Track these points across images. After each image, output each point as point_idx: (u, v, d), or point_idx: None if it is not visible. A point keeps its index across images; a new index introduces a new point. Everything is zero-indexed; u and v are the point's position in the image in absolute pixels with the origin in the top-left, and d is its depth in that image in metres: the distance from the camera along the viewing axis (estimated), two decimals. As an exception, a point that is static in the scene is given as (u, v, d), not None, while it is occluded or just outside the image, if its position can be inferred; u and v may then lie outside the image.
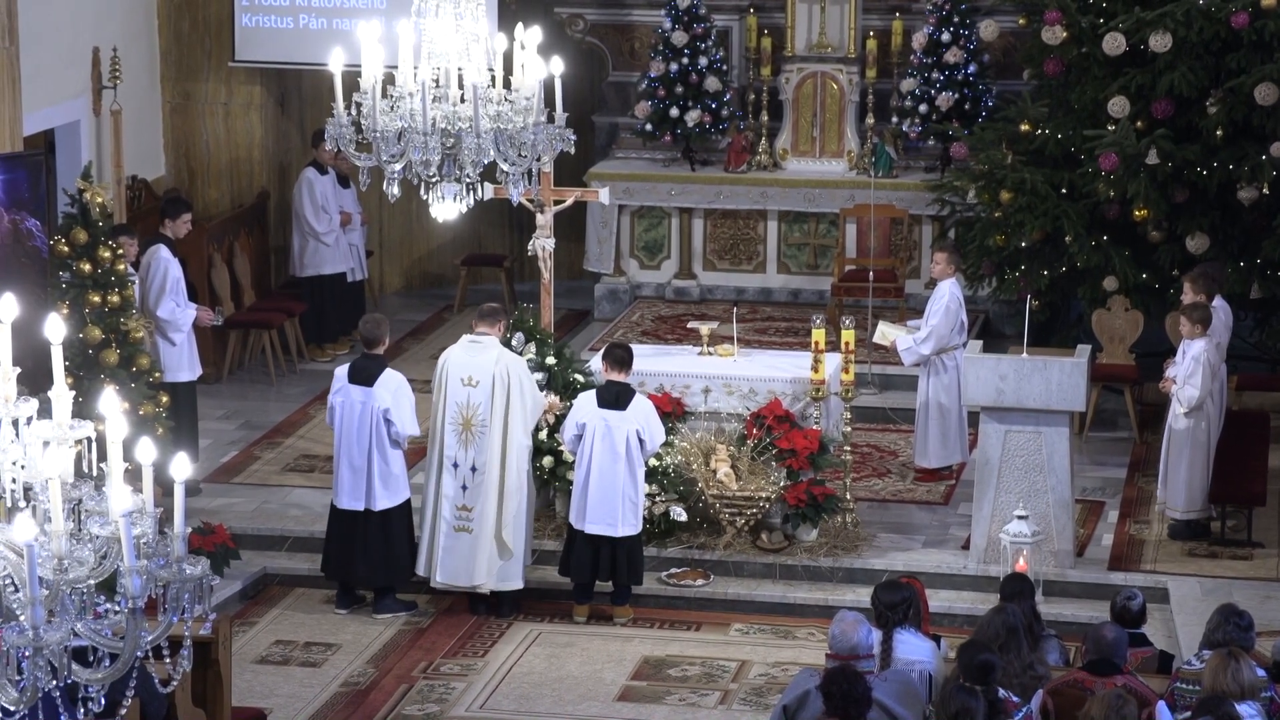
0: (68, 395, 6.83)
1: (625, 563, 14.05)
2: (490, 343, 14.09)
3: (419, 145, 11.39)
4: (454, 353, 14.17)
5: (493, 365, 13.93)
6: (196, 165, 19.84)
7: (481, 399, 13.93)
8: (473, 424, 13.94)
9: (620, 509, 13.94)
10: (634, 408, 14.01)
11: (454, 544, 14.05)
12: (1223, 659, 9.76)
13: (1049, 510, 14.26)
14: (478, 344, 14.09)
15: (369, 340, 14.31)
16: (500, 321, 14.30)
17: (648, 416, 14.06)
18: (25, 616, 6.36)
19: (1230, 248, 17.34)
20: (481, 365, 13.96)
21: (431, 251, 22.00)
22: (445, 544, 14.07)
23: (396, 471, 14.17)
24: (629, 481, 13.96)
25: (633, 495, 13.99)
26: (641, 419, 14.00)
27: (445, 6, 11.62)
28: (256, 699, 12.94)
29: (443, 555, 14.09)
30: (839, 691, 9.32)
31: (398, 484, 14.20)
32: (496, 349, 14.05)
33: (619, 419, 13.96)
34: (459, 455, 14.01)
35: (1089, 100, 17.51)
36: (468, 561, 14.03)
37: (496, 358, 13.97)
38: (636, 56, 20.77)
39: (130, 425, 6.88)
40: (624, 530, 13.98)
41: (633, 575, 14.13)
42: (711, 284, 20.28)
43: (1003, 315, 19.23)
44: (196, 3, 19.58)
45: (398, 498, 14.21)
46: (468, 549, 14.01)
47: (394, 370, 14.29)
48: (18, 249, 14.07)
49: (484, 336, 14.12)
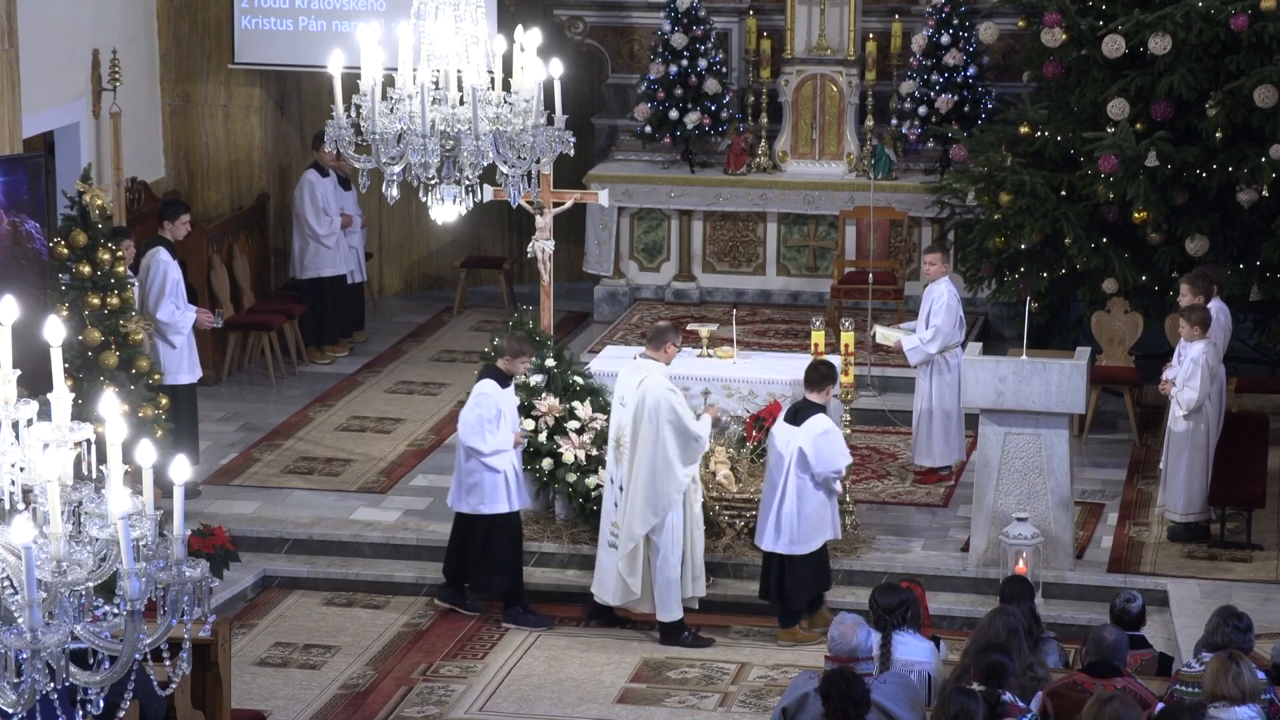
0: (67, 397, 6.83)
1: (791, 580, 13.76)
2: (646, 366, 13.81)
3: (418, 147, 11.38)
4: (623, 371, 14.08)
5: (636, 389, 13.74)
6: (196, 167, 19.85)
7: (627, 420, 13.78)
8: (622, 443, 13.83)
9: (784, 525, 13.72)
10: (808, 425, 13.67)
11: (604, 558, 14.01)
12: (1222, 662, 9.75)
13: (1048, 512, 14.26)
14: (638, 366, 13.89)
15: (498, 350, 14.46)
16: (667, 343, 13.86)
17: (819, 436, 13.64)
18: (23, 619, 6.36)
19: (1230, 250, 17.34)
20: (631, 387, 13.80)
21: (431, 253, 22.00)
22: (600, 557, 14.06)
23: (474, 480, 14.05)
24: (800, 500, 13.68)
25: (794, 513, 13.66)
26: (808, 437, 13.63)
27: (445, 9, 11.61)
28: (256, 701, 12.94)
29: (598, 568, 14.08)
30: (838, 693, 9.32)
31: (477, 493, 14.07)
32: (645, 372, 13.77)
33: (790, 433, 13.73)
34: (615, 473, 13.91)
35: (1088, 102, 17.51)
36: (609, 578, 13.96)
37: (640, 382, 13.74)
38: (636, 59, 20.77)
39: (130, 427, 6.87)
40: (781, 548, 13.71)
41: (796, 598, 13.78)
42: (711, 286, 20.28)
43: (1002, 317, 19.23)
44: (196, 5, 19.58)
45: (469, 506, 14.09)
46: (612, 565, 13.94)
47: (487, 379, 14.18)
48: (17, 251, 14.06)
49: (646, 359, 13.88)
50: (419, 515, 15.61)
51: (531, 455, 14.89)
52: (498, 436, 14.04)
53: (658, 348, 13.88)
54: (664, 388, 13.72)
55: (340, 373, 19.24)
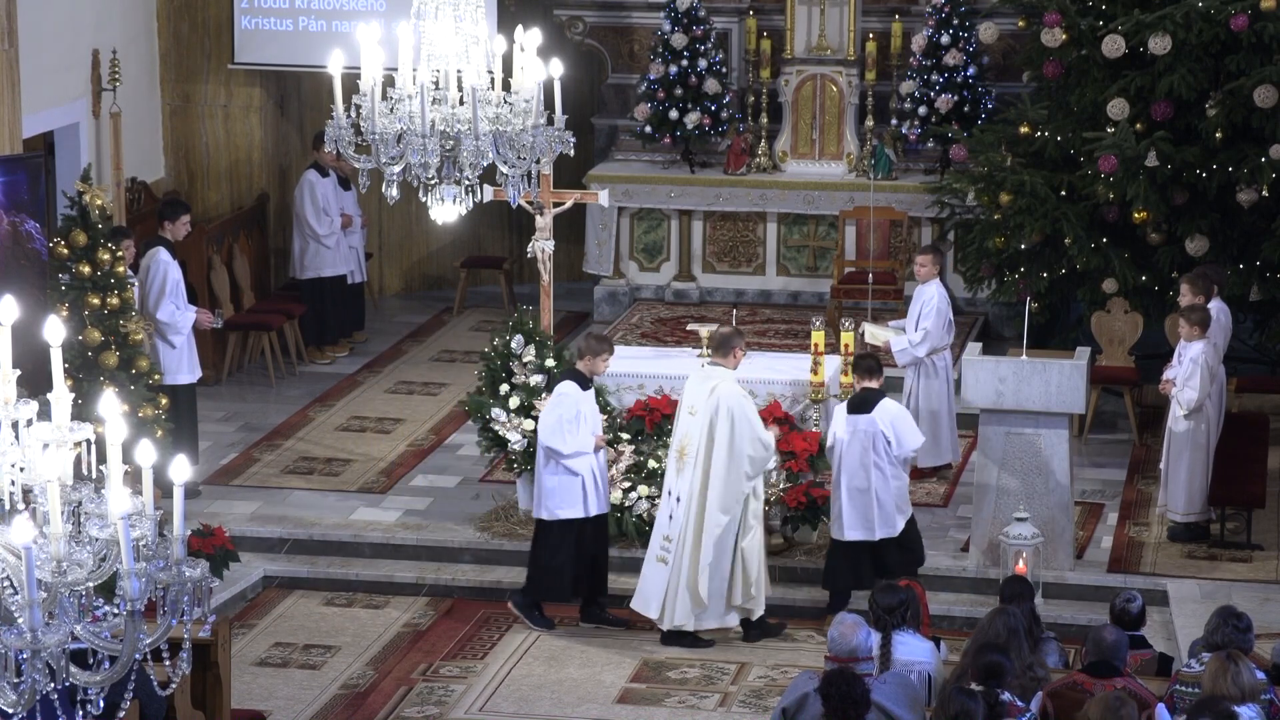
0: (67, 397, 6.83)
1: (895, 557, 13.92)
2: (715, 373, 13.67)
3: (418, 147, 11.38)
4: (690, 379, 13.90)
5: (708, 396, 13.58)
6: (196, 167, 19.85)
7: (695, 430, 13.58)
8: (685, 454, 13.66)
9: (876, 512, 13.88)
10: (880, 410, 13.90)
11: (651, 572, 13.81)
12: (1222, 662, 9.75)
13: (1048, 512, 14.25)
14: (706, 374, 13.75)
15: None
16: (735, 349, 13.77)
17: (895, 418, 13.92)
18: (24, 619, 6.36)
19: (1230, 250, 17.34)
20: (701, 395, 13.62)
21: (431, 254, 22.00)
22: (645, 570, 13.86)
23: (548, 486, 13.91)
24: (881, 484, 13.87)
25: (885, 497, 13.88)
26: (887, 420, 13.87)
27: (444, 9, 11.61)
28: (256, 701, 12.94)
29: (640, 581, 13.89)
30: (838, 694, 9.32)
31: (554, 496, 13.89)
32: (717, 379, 13.63)
33: (866, 422, 13.87)
34: (674, 484, 13.72)
35: (1088, 102, 17.51)
36: (656, 592, 13.78)
37: (713, 389, 13.58)
38: (636, 59, 20.77)
39: (130, 427, 6.87)
40: (880, 533, 13.91)
41: (909, 566, 13.98)
42: (711, 286, 20.28)
43: (1002, 317, 19.23)
44: (196, 5, 19.59)
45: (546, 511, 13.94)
46: (660, 580, 13.75)
47: (567, 380, 14.01)
48: (17, 251, 14.06)
49: (715, 366, 13.75)
50: (419, 515, 15.62)
51: (531, 455, 14.88)
52: (578, 438, 13.83)
53: (725, 354, 13.75)
54: (739, 394, 13.66)
55: (340, 373, 19.24)
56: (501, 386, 15.00)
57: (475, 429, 15.46)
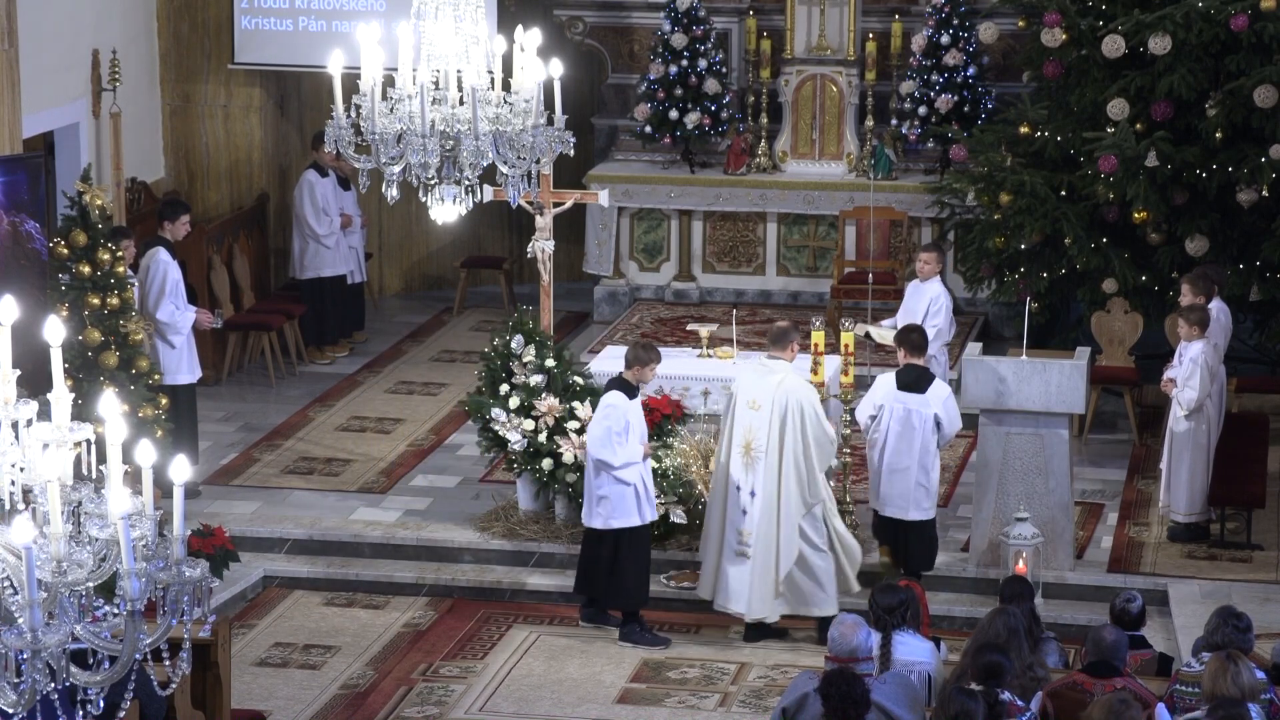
0: (67, 397, 6.83)
1: (917, 545, 14.06)
2: (778, 367, 13.69)
3: (418, 147, 11.38)
4: (745, 374, 13.88)
5: (774, 390, 13.59)
6: (196, 167, 19.85)
7: (761, 424, 13.58)
8: (752, 448, 13.65)
9: (913, 493, 14.02)
10: (933, 391, 14.04)
11: (731, 569, 13.81)
12: (1222, 662, 9.75)
13: (1048, 512, 14.25)
14: (765, 367, 13.75)
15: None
16: (792, 343, 13.81)
17: (946, 400, 14.08)
18: (24, 619, 6.36)
19: (1230, 250, 17.35)
20: (765, 389, 13.61)
21: (431, 254, 22.00)
22: (725, 568, 13.85)
23: (603, 494, 13.79)
24: (921, 466, 14.01)
25: (924, 480, 14.02)
26: (939, 403, 14.02)
27: (444, 9, 11.61)
28: (256, 701, 12.94)
29: (723, 578, 13.86)
30: (838, 694, 9.32)
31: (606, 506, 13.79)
32: (783, 373, 13.66)
33: (919, 402, 13.98)
34: (741, 479, 13.73)
35: (1088, 102, 17.51)
36: (742, 588, 13.79)
37: (779, 383, 13.60)
38: (636, 59, 20.77)
39: (130, 427, 6.87)
40: (914, 515, 14.07)
41: (923, 560, 14.14)
42: (711, 286, 20.28)
43: (1002, 317, 19.24)
44: (196, 5, 19.59)
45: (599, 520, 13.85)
46: (744, 575, 13.76)
47: (614, 390, 13.86)
48: (17, 251, 14.06)
49: (774, 360, 13.75)
50: (419, 515, 15.62)
51: (531, 455, 14.90)
52: (627, 449, 13.74)
53: (783, 347, 13.78)
54: (807, 387, 13.77)
55: (340, 373, 19.24)
56: (501, 386, 15.00)
57: (475, 429, 15.46)
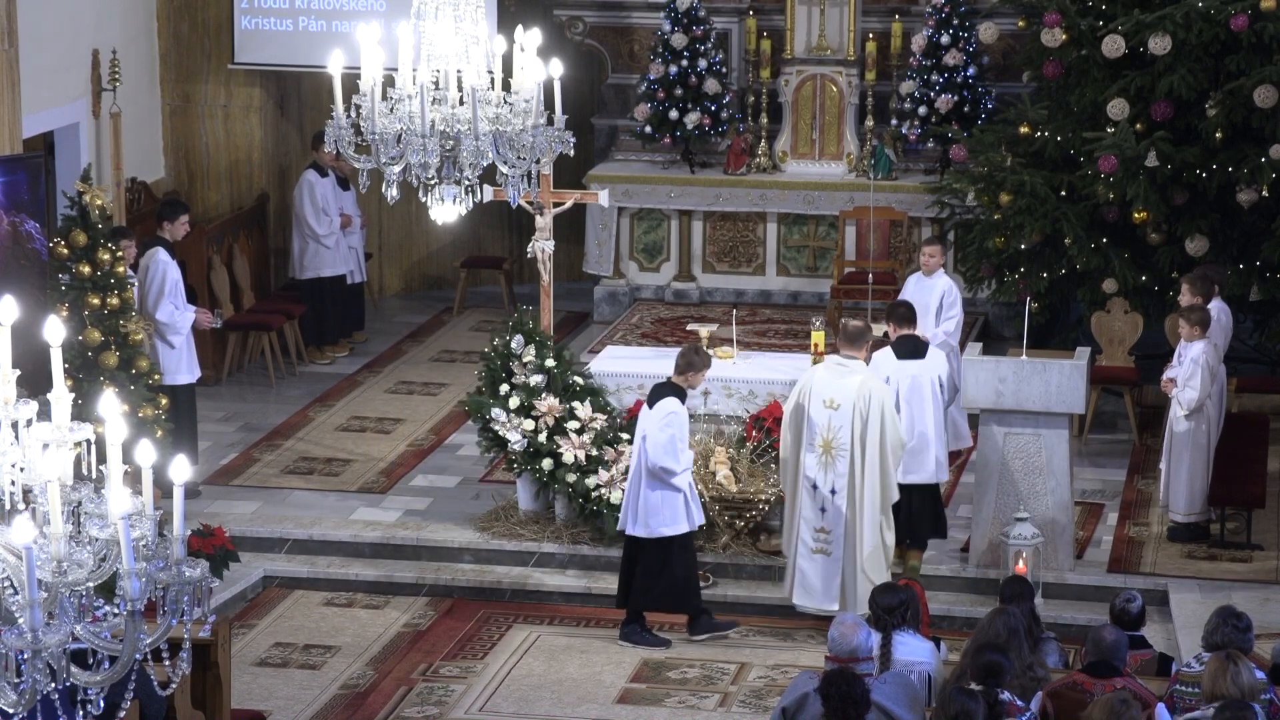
0: (67, 397, 6.83)
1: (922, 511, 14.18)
2: (856, 366, 13.74)
3: (418, 147, 11.38)
4: (819, 373, 13.89)
5: (855, 391, 13.61)
6: (196, 167, 19.85)
7: (842, 422, 13.62)
8: (833, 447, 13.67)
9: (926, 458, 14.20)
10: (933, 355, 14.43)
11: (808, 566, 13.83)
12: (1221, 662, 9.75)
13: (1048, 512, 14.26)
14: (843, 367, 13.75)
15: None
16: (866, 343, 13.87)
17: (946, 362, 14.51)
18: (24, 619, 6.36)
19: (1230, 250, 17.35)
20: (844, 389, 13.63)
21: (431, 254, 22.00)
22: (802, 565, 13.87)
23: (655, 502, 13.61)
24: (935, 427, 14.26)
25: (938, 445, 14.25)
26: (940, 365, 14.39)
27: (444, 9, 11.61)
28: (256, 701, 12.94)
29: (800, 576, 13.88)
30: (838, 693, 9.32)
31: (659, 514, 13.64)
32: (862, 374, 13.71)
33: (920, 367, 14.28)
34: (819, 477, 13.73)
35: (1088, 102, 17.51)
36: (824, 584, 13.82)
37: (860, 384, 13.64)
38: (636, 59, 20.77)
39: (130, 428, 6.87)
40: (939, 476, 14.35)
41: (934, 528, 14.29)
42: (711, 286, 20.28)
43: (1002, 317, 19.24)
44: (196, 5, 19.59)
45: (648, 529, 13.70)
46: (824, 571, 13.80)
47: (671, 397, 13.67)
48: (17, 251, 14.07)
49: (850, 360, 13.76)
50: (419, 515, 15.62)
51: (531, 455, 14.90)
52: (686, 455, 13.74)
53: (858, 347, 13.83)
54: (886, 388, 13.91)
55: (340, 373, 19.24)
56: (501, 386, 15.00)
57: (475, 429, 15.46)
